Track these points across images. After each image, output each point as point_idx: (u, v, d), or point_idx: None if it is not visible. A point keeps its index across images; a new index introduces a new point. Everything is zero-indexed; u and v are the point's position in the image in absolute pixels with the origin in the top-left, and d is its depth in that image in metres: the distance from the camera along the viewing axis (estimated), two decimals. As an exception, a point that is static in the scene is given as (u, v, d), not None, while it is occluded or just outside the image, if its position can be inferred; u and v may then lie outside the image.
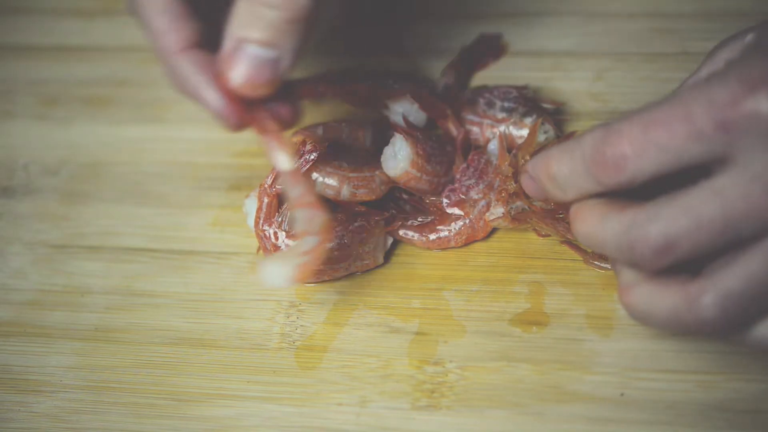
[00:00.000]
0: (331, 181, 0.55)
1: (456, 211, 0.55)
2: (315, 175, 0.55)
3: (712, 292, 0.39)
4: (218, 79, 0.45)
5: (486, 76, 0.65)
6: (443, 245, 0.56)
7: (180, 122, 0.66)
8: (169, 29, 0.46)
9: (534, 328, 0.52)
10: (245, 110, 0.46)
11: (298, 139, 0.59)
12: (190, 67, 0.46)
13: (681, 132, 0.38)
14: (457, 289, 0.54)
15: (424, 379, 0.50)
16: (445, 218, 0.56)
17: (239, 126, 0.47)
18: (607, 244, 0.41)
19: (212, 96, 0.46)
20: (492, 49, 0.66)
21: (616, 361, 0.50)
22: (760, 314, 0.40)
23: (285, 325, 0.54)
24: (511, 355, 0.51)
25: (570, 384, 0.49)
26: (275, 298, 0.55)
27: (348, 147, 0.58)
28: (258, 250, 0.56)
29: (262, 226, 0.53)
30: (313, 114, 0.65)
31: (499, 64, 0.66)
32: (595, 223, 0.42)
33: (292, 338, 0.53)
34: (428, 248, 0.56)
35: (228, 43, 0.45)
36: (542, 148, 0.53)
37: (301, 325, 0.54)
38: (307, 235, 0.46)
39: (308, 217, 0.46)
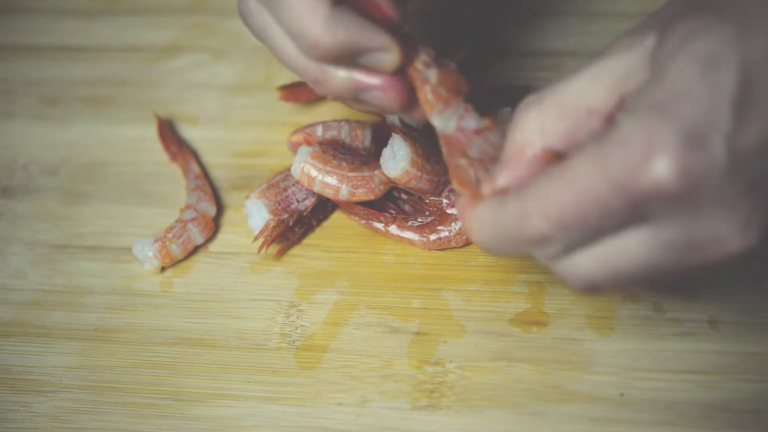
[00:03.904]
0: (331, 181, 0.55)
1: (456, 211, 0.55)
2: (314, 173, 0.56)
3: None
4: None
5: (486, 76, 0.65)
6: (443, 245, 0.56)
7: (180, 122, 0.66)
8: None
9: (534, 328, 0.52)
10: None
11: (297, 138, 0.59)
12: (349, 14, 0.44)
13: (592, 212, 0.37)
14: (457, 289, 0.54)
15: (424, 379, 0.50)
16: (445, 218, 0.56)
17: (401, 61, 0.45)
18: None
19: (380, 32, 0.44)
20: (492, 49, 0.66)
21: (616, 361, 0.50)
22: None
23: (285, 325, 0.54)
24: (511, 355, 0.51)
25: (570, 384, 0.49)
26: (275, 298, 0.55)
27: (347, 146, 0.58)
28: (258, 250, 0.56)
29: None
30: (313, 114, 0.65)
31: (499, 64, 0.66)
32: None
33: (292, 338, 0.53)
34: (428, 249, 0.56)
35: None
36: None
37: (301, 325, 0.54)
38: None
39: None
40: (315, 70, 0.46)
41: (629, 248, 0.38)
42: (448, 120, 0.46)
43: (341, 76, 0.46)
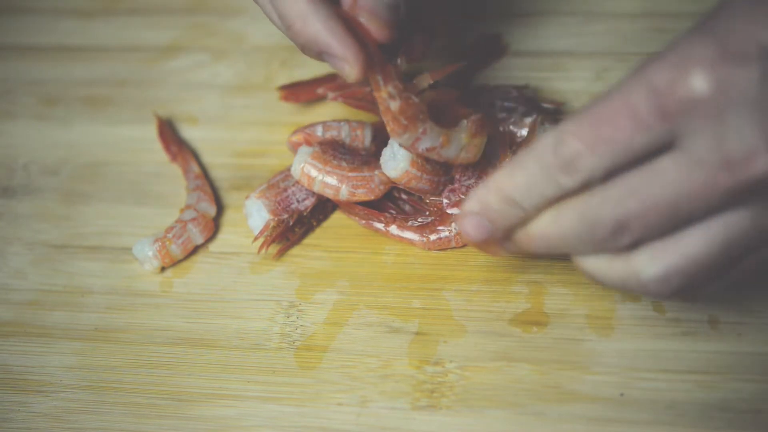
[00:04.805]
0: (331, 181, 0.55)
1: (456, 211, 0.55)
2: (314, 173, 0.56)
3: (654, 267, 0.40)
4: (347, 23, 0.48)
5: (486, 76, 0.65)
6: (443, 245, 0.56)
7: (180, 122, 0.66)
8: None
9: (534, 328, 0.52)
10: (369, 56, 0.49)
11: (297, 138, 0.59)
12: (327, 13, 0.48)
13: (625, 124, 0.38)
14: (457, 289, 0.54)
15: (424, 379, 0.50)
16: (446, 218, 0.56)
17: (364, 71, 0.48)
18: (568, 237, 0.41)
19: (347, 39, 0.48)
20: (492, 49, 0.66)
21: (616, 361, 0.50)
22: (704, 282, 0.41)
23: (285, 325, 0.54)
24: (511, 355, 0.51)
25: (570, 384, 0.49)
26: (275, 298, 0.55)
27: (347, 146, 0.58)
28: (258, 250, 0.56)
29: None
30: (313, 114, 0.65)
31: (499, 64, 0.66)
32: (550, 223, 0.42)
33: (292, 338, 0.53)
34: (428, 249, 0.56)
35: None
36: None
37: (301, 325, 0.54)
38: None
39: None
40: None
41: (659, 171, 0.38)
42: (406, 141, 0.51)
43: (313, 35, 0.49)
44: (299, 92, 0.65)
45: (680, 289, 0.41)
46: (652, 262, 0.40)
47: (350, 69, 0.48)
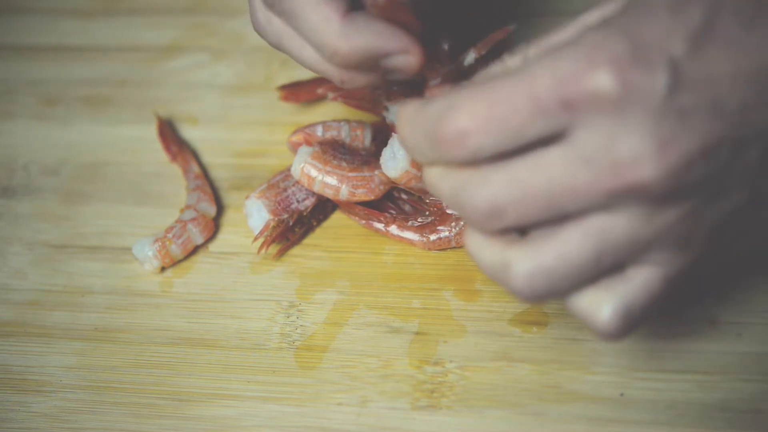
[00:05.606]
0: (331, 181, 0.55)
1: (455, 212, 0.55)
2: (314, 173, 0.56)
3: (525, 262, 0.39)
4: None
5: (486, 76, 0.65)
6: (444, 245, 0.56)
7: (180, 122, 0.66)
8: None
9: (534, 328, 0.52)
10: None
11: (297, 138, 0.59)
12: (365, 20, 0.46)
13: (524, 107, 0.37)
14: (457, 289, 0.54)
15: (424, 379, 0.50)
16: (446, 218, 0.56)
17: (425, 58, 0.47)
18: (445, 199, 0.41)
19: (396, 32, 0.46)
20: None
21: (616, 361, 0.50)
22: (572, 289, 0.39)
23: (285, 325, 0.54)
24: (511, 355, 0.51)
25: (570, 384, 0.49)
26: (275, 298, 0.55)
27: (347, 146, 0.58)
28: (258, 250, 0.56)
29: None
30: (313, 114, 0.65)
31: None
32: (438, 178, 0.41)
33: (292, 338, 0.53)
34: (428, 249, 0.56)
35: None
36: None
37: (301, 325, 0.54)
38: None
39: None
40: (338, 71, 0.48)
41: (545, 162, 0.37)
42: None
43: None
44: (299, 92, 0.65)
45: (542, 293, 0.39)
46: (527, 257, 0.39)
47: (413, 59, 0.47)
